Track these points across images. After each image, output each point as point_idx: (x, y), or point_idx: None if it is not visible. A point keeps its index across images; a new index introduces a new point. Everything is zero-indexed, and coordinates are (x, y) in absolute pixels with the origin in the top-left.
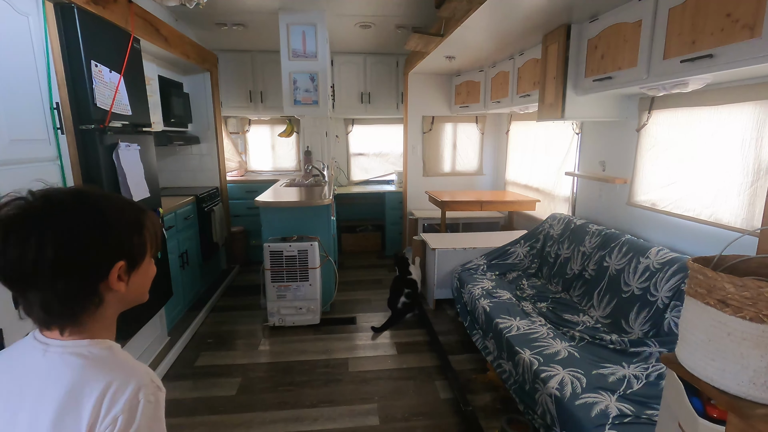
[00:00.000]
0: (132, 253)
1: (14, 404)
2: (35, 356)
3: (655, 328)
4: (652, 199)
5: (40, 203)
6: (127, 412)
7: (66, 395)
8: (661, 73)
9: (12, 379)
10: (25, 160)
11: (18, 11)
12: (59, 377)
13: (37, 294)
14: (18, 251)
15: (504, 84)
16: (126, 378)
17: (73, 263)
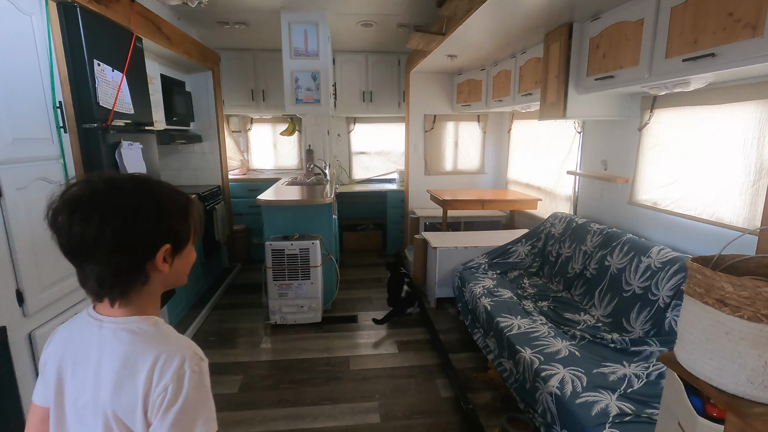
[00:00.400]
0: (178, 237)
1: (81, 372)
2: (92, 331)
3: (656, 328)
4: (654, 199)
5: (103, 185)
6: (175, 381)
7: (122, 367)
8: (663, 72)
9: (76, 350)
10: (28, 159)
11: (21, 11)
12: (114, 351)
13: (93, 267)
14: (82, 227)
15: (506, 83)
16: (172, 351)
17: (127, 242)
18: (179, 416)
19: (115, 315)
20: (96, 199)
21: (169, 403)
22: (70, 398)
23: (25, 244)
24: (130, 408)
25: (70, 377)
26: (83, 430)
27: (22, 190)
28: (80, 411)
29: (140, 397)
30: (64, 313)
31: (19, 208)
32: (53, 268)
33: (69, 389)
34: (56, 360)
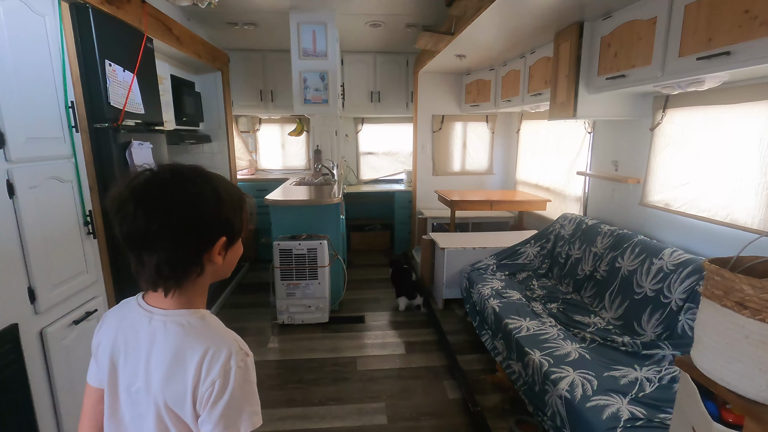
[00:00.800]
0: (233, 230)
1: (133, 359)
2: (142, 322)
3: (669, 331)
4: (666, 199)
5: (168, 175)
6: (222, 377)
7: (172, 358)
8: (676, 71)
9: (127, 337)
10: (40, 158)
11: (35, 12)
12: (164, 343)
13: (153, 256)
14: (147, 216)
15: (515, 83)
16: (219, 346)
17: (190, 232)
18: (226, 410)
19: (164, 307)
20: (163, 189)
21: (216, 397)
22: (123, 383)
23: (37, 242)
24: (180, 398)
25: (122, 362)
26: (136, 414)
27: (34, 188)
28: (133, 396)
29: (189, 389)
30: (74, 311)
31: (31, 207)
32: (64, 266)
33: (122, 374)
34: (109, 344)
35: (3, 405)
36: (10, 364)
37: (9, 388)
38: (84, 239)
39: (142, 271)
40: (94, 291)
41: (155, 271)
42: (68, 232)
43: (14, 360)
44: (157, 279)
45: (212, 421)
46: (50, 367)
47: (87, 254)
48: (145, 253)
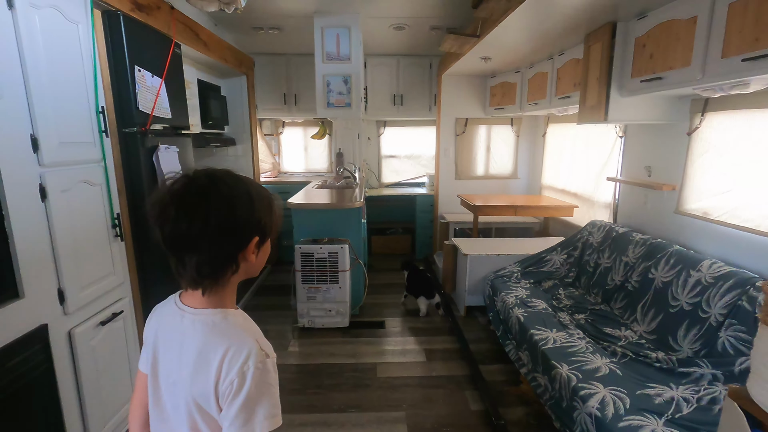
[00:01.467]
0: (264, 230)
1: (169, 354)
2: (175, 319)
3: (707, 348)
4: (704, 208)
5: (205, 180)
6: (239, 377)
7: (197, 356)
8: (718, 73)
9: (165, 333)
10: (72, 162)
11: (69, 20)
12: (192, 341)
13: (193, 257)
14: (189, 219)
15: (542, 85)
16: (240, 346)
17: (228, 233)
18: (242, 409)
19: (195, 306)
20: (201, 193)
21: (234, 395)
22: (163, 374)
23: (67, 245)
24: (205, 394)
25: (162, 356)
26: (174, 403)
27: (65, 192)
28: (171, 387)
29: (212, 385)
30: (101, 312)
31: (62, 210)
32: (92, 268)
33: (162, 366)
34: (152, 337)
35: (32, 403)
36: (40, 363)
37: (38, 386)
38: (112, 241)
39: (183, 271)
40: (121, 292)
41: (196, 270)
42: (97, 234)
43: (43, 360)
44: (197, 278)
45: (229, 418)
46: (77, 367)
47: (114, 256)
48: (186, 255)
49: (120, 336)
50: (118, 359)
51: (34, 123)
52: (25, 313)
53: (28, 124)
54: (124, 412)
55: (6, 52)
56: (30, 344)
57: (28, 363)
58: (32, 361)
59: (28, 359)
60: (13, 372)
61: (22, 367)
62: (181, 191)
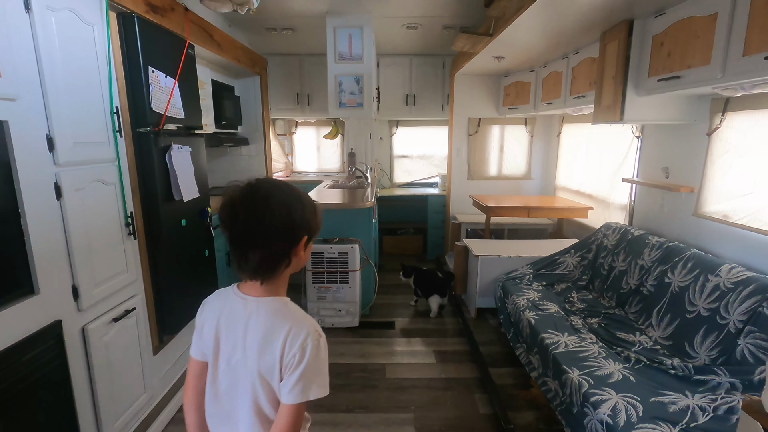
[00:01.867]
0: (311, 230)
1: (232, 337)
2: (238, 306)
3: (725, 355)
4: (724, 210)
5: (267, 187)
6: (300, 351)
7: (263, 336)
8: (739, 71)
9: (228, 319)
10: (86, 162)
11: (85, 22)
12: (257, 323)
13: (255, 252)
14: (254, 221)
15: (556, 84)
16: (299, 327)
17: (285, 232)
18: (300, 378)
19: (255, 295)
20: (265, 198)
21: (295, 366)
22: (224, 356)
23: (81, 243)
24: (271, 368)
25: (224, 339)
26: (233, 382)
27: (80, 191)
28: (232, 367)
29: (278, 359)
30: (114, 308)
31: (76, 208)
32: (105, 266)
33: (223, 349)
34: (213, 323)
35: (46, 397)
36: (54, 359)
37: (52, 381)
38: (125, 240)
39: (245, 265)
40: (133, 290)
41: (257, 264)
42: (110, 232)
43: (57, 355)
44: (258, 270)
45: (289, 385)
46: (90, 362)
47: (127, 254)
48: (249, 250)
49: (132, 333)
50: (131, 356)
51: (50, 123)
52: (40, 309)
53: (44, 124)
54: (136, 407)
55: (23, 53)
56: (44, 339)
57: (42, 358)
58: (46, 356)
59: (43, 354)
60: (28, 366)
61: (37, 361)
62: (249, 197)
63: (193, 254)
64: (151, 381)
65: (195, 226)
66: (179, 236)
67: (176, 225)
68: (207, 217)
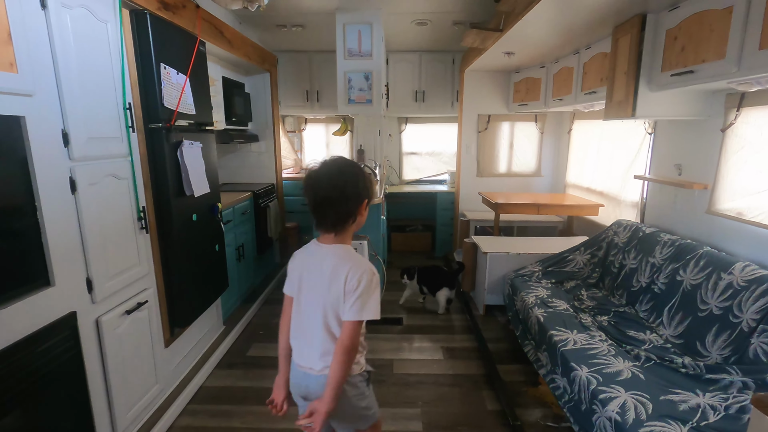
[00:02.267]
0: (369, 196)
1: (311, 276)
2: (317, 252)
3: (738, 354)
4: (738, 208)
5: (340, 163)
6: (357, 281)
7: (332, 271)
8: (755, 65)
9: (309, 263)
10: (100, 157)
11: (98, 19)
12: (329, 264)
13: (332, 213)
14: (332, 188)
15: (567, 80)
16: (357, 266)
17: (353, 197)
18: (356, 300)
19: (328, 243)
20: (339, 172)
21: (353, 292)
22: (305, 290)
23: (95, 236)
24: (338, 294)
25: (305, 277)
26: (311, 308)
27: (94, 185)
28: (310, 300)
29: (342, 288)
30: (127, 301)
31: (90, 202)
32: (119, 259)
33: (305, 284)
34: (299, 268)
35: (61, 387)
36: (69, 349)
37: (66, 371)
38: (137, 234)
39: (324, 222)
40: (146, 283)
41: (334, 220)
42: (123, 226)
43: (72, 346)
44: (335, 224)
45: (348, 305)
46: (104, 353)
47: (140, 248)
48: (327, 211)
49: (144, 325)
50: (143, 347)
51: (65, 119)
52: (55, 301)
53: (60, 119)
54: (148, 398)
55: (39, 50)
56: (59, 330)
57: (57, 348)
58: (61, 346)
59: (58, 344)
60: (44, 356)
61: (53, 351)
62: (326, 171)
63: (203, 249)
64: (162, 373)
65: (206, 221)
66: (190, 231)
67: (187, 220)
68: (217, 212)
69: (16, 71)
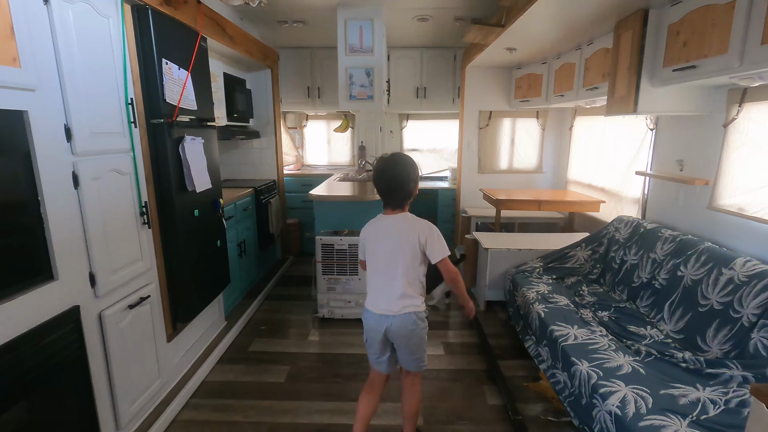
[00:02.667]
0: (418, 180)
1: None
2: (388, 221)
3: (738, 349)
4: (740, 204)
5: (399, 157)
6: (428, 236)
7: (401, 231)
8: (758, 60)
9: (378, 231)
10: (103, 151)
11: (100, 14)
12: (398, 226)
13: (399, 193)
14: (396, 176)
15: (569, 76)
16: (422, 224)
17: (411, 180)
18: (434, 245)
19: (395, 214)
20: (401, 163)
21: (428, 243)
22: (381, 250)
23: (98, 230)
24: (414, 248)
25: (380, 241)
26: (390, 261)
27: (96, 180)
28: (388, 253)
29: (417, 243)
30: (130, 296)
31: (93, 197)
32: (121, 254)
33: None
34: (371, 236)
35: (65, 380)
36: (72, 343)
37: (70, 364)
38: (140, 228)
39: (391, 200)
40: (148, 278)
41: (399, 199)
42: (126, 221)
43: (75, 339)
44: (401, 202)
45: (432, 252)
46: (107, 347)
47: (142, 243)
48: (393, 193)
49: (147, 320)
50: (145, 342)
51: (68, 113)
52: (59, 295)
53: (62, 114)
54: (151, 392)
55: (41, 45)
56: (63, 324)
57: (61, 341)
58: (65, 340)
59: (62, 338)
60: (48, 349)
61: (57, 345)
62: (391, 163)
63: (205, 244)
64: (165, 367)
65: (207, 217)
66: (192, 226)
67: (189, 215)
68: (219, 208)
69: (19, 66)
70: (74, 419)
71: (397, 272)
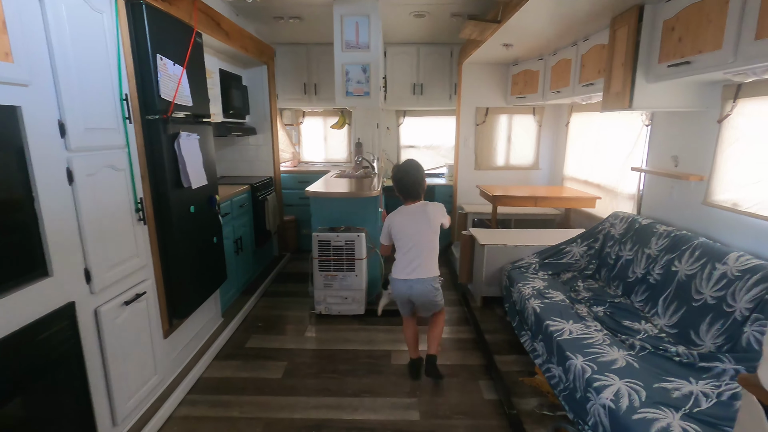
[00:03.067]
0: (425, 179)
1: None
2: (410, 209)
3: (731, 343)
4: (734, 199)
5: (413, 163)
6: (440, 212)
7: (422, 214)
8: (751, 55)
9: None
10: (97, 147)
11: (94, 9)
12: (418, 211)
13: (416, 189)
14: (413, 177)
15: (565, 72)
16: (435, 206)
17: (423, 181)
18: (444, 216)
19: (414, 204)
20: (415, 167)
21: (441, 216)
22: (407, 232)
23: (93, 227)
24: (436, 222)
25: (404, 226)
26: (418, 239)
27: (91, 176)
28: (414, 233)
29: (432, 218)
30: (125, 292)
31: (88, 193)
32: (117, 250)
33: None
34: (398, 224)
35: (61, 376)
36: (68, 339)
37: (66, 360)
38: (135, 225)
39: (412, 195)
40: (144, 274)
41: (416, 193)
42: (121, 217)
43: (71, 336)
44: (418, 195)
45: (444, 220)
46: (103, 343)
47: (138, 239)
48: (412, 190)
49: (143, 316)
50: (142, 338)
51: (62, 109)
52: (54, 291)
53: (56, 110)
54: (147, 388)
55: (35, 40)
56: (59, 320)
57: (56, 338)
58: (60, 336)
59: (57, 334)
60: (44, 345)
61: (52, 341)
62: (411, 169)
63: (201, 241)
64: (162, 363)
65: (203, 213)
66: (188, 223)
67: (185, 212)
68: (215, 204)
69: (12, 61)
70: (71, 416)
71: (428, 245)
